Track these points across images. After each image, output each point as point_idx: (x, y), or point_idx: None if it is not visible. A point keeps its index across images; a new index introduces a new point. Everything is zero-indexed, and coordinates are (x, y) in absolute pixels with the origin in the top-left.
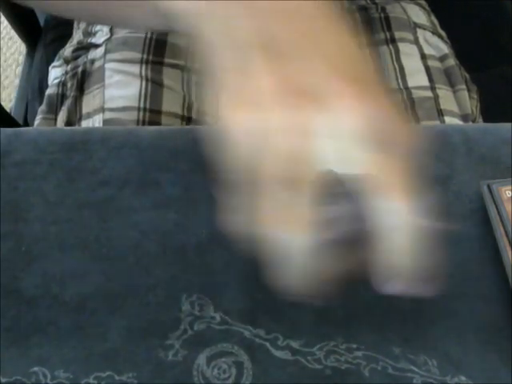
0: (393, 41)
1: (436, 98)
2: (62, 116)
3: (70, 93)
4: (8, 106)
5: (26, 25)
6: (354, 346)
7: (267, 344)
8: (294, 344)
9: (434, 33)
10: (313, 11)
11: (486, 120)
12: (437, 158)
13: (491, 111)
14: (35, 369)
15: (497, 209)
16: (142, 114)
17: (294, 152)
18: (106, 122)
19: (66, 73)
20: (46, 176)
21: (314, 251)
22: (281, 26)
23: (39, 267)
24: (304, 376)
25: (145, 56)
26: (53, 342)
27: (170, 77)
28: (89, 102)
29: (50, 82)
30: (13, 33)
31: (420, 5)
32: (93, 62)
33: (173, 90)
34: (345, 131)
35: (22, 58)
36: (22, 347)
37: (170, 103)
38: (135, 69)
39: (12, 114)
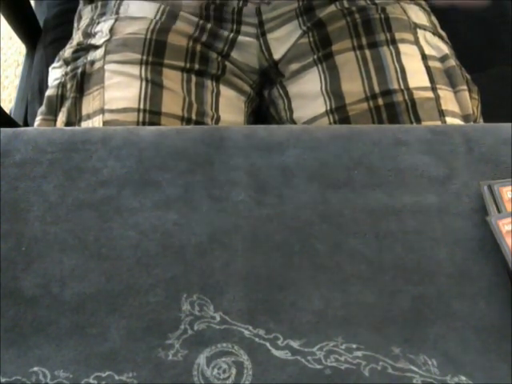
0: (393, 42)
1: (437, 98)
2: (61, 117)
3: (70, 94)
4: (8, 106)
5: (26, 25)
6: (354, 346)
7: (267, 344)
8: (294, 344)
9: (435, 33)
10: None
11: (486, 120)
12: (437, 158)
13: (491, 111)
14: (35, 369)
15: (497, 210)
16: (141, 115)
17: None
18: (105, 123)
19: (66, 74)
20: (46, 176)
21: None
22: None
23: (39, 267)
24: (304, 376)
25: (144, 57)
26: (53, 342)
27: (169, 78)
28: (88, 104)
29: (49, 83)
30: (13, 33)
31: (420, 5)
32: (92, 63)
33: (173, 90)
34: None
35: (21, 58)
36: (22, 347)
37: (170, 104)
38: (135, 70)
39: (12, 115)
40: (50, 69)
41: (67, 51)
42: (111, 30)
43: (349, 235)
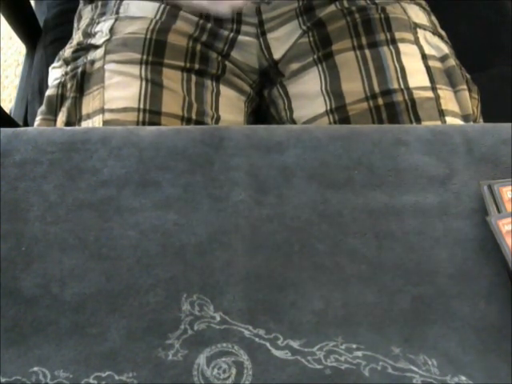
0: (393, 41)
1: (437, 98)
2: (61, 117)
3: (70, 94)
4: (8, 106)
5: (26, 25)
6: (354, 346)
7: (267, 344)
8: (294, 344)
9: (435, 33)
10: None
11: (486, 120)
12: (437, 158)
13: (491, 111)
14: (35, 369)
15: (497, 210)
16: (141, 114)
17: None
18: (105, 123)
19: (66, 74)
20: (46, 176)
21: None
22: None
23: (39, 267)
24: (304, 376)
25: (144, 57)
26: (53, 341)
27: (169, 77)
28: (88, 103)
29: (49, 82)
30: (13, 33)
31: (420, 5)
32: (92, 62)
33: (172, 90)
34: None
35: (21, 58)
36: (21, 347)
37: (170, 104)
38: (135, 70)
39: (12, 115)
40: (49, 69)
41: (67, 51)
42: (111, 30)
43: (349, 235)
